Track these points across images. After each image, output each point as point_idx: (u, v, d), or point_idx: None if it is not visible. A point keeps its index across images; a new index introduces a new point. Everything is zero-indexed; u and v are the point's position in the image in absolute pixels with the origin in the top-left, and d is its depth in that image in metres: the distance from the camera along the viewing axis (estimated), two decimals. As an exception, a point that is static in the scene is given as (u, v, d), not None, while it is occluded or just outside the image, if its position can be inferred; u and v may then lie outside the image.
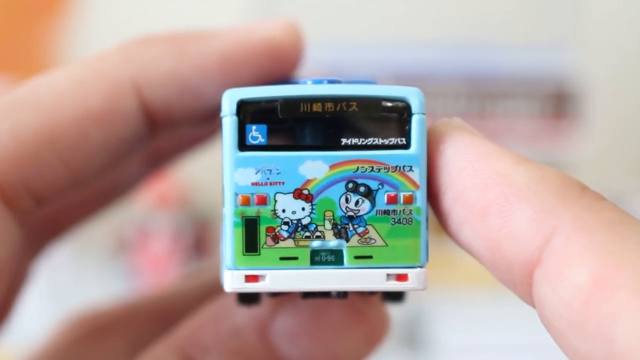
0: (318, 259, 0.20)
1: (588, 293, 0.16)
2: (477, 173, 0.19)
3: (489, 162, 0.19)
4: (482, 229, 0.18)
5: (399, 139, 0.20)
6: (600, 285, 0.16)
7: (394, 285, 0.20)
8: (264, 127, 0.20)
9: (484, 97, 0.81)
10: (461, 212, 0.19)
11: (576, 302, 0.16)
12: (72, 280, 0.80)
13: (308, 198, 0.20)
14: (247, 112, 0.20)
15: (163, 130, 0.25)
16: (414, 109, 0.20)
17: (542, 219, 0.18)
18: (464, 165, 0.19)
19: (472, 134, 0.20)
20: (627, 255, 0.16)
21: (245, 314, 0.23)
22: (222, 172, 0.20)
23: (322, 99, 0.20)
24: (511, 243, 0.18)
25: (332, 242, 0.20)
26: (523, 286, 0.18)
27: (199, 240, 0.83)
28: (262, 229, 0.20)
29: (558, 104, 0.81)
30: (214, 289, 0.27)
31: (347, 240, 0.20)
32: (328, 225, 0.20)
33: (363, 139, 0.20)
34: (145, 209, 0.81)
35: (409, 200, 0.20)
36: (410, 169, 0.20)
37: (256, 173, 0.20)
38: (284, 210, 0.20)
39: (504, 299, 0.17)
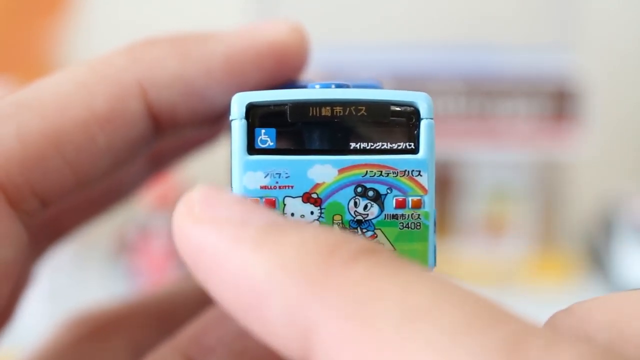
0: None
1: None
2: (220, 275, 0.17)
3: (226, 260, 0.17)
4: (252, 330, 0.17)
5: (407, 144, 0.20)
6: None
7: None
8: (272, 130, 0.20)
9: (484, 97, 0.81)
10: (230, 311, 0.17)
11: None
12: (73, 281, 0.80)
13: (317, 202, 0.20)
14: (256, 115, 0.20)
15: (167, 132, 0.25)
16: (423, 113, 0.20)
17: (295, 320, 0.16)
18: (206, 267, 0.17)
19: (205, 218, 0.18)
20: (383, 347, 0.15)
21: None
22: (231, 175, 0.20)
23: (331, 103, 0.20)
24: (279, 347, 0.16)
25: None
26: None
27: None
28: None
29: (558, 104, 0.81)
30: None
31: None
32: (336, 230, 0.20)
33: (372, 144, 0.20)
34: (146, 209, 0.81)
35: (418, 204, 0.20)
36: (419, 174, 0.20)
37: (265, 177, 0.20)
38: (292, 214, 0.20)
39: (503, 299, 0.17)
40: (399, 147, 0.20)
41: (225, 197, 0.18)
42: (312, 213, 0.20)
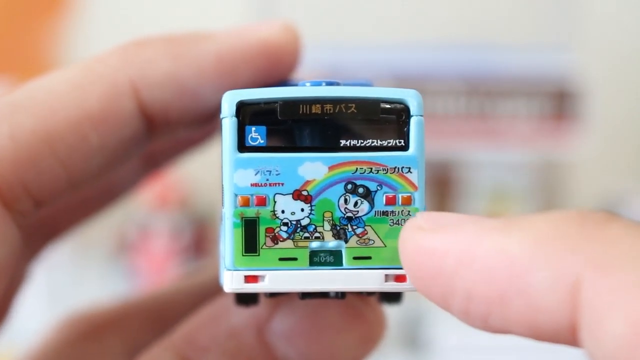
0: (317, 259, 0.20)
1: (631, 341, 0.15)
2: (473, 265, 0.17)
3: (476, 248, 0.17)
4: (509, 315, 0.17)
5: (397, 141, 0.20)
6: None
7: (392, 286, 0.20)
8: (263, 128, 0.20)
9: (484, 97, 0.81)
10: (480, 307, 0.18)
11: (623, 354, 0.15)
12: (72, 280, 0.80)
13: (307, 199, 0.20)
14: (247, 113, 0.20)
15: (161, 132, 0.25)
16: (413, 110, 0.20)
17: (560, 280, 0.16)
18: (455, 264, 0.18)
19: (438, 227, 0.18)
20: None
21: (242, 314, 0.23)
22: (222, 173, 0.20)
23: (321, 101, 0.20)
24: (544, 318, 0.17)
25: (331, 243, 0.20)
26: (575, 345, 0.17)
27: (198, 240, 0.83)
28: (262, 229, 0.20)
29: (558, 104, 0.81)
30: (211, 288, 0.27)
31: (346, 241, 0.20)
32: (327, 226, 0.20)
33: (362, 141, 0.20)
34: (145, 209, 0.81)
35: (408, 201, 0.20)
36: (409, 171, 0.20)
37: (256, 174, 0.20)
38: (283, 211, 0.20)
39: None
40: (389, 144, 0.20)
41: (446, 212, 0.19)
42: (302, 210, 0.20)
